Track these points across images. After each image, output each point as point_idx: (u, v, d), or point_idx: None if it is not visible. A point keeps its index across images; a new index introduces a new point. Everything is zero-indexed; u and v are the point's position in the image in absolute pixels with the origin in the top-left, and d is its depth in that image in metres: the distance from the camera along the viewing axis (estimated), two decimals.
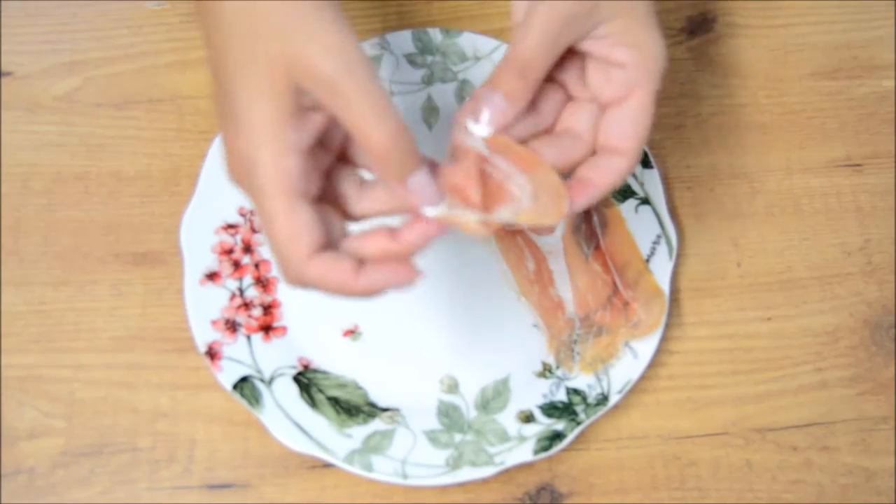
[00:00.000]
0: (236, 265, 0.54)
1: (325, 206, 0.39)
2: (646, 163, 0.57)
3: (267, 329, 0.53)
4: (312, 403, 0.51)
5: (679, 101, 0.61)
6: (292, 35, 0.35)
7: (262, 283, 0.54)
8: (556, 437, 0.50)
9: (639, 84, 0.40)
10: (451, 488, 0.51)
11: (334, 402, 0.52)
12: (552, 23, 0.39)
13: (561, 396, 0.52)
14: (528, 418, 0.51)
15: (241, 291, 0.54)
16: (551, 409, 0.51)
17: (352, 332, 0.54)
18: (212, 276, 0.54)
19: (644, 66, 0.40)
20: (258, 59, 0.36)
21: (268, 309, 0.54)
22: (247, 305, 0.54)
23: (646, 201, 0.56)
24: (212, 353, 0.51)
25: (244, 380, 0.51)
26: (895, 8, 0.63)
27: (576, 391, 0.52)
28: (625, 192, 0.56)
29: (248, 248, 0.55)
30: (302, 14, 0.36)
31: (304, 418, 0.50)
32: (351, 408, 0.51)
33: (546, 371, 0.53)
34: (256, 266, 0.55)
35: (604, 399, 0.51)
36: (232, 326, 0.53)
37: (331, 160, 0.40)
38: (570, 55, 0.41)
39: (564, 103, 0.43)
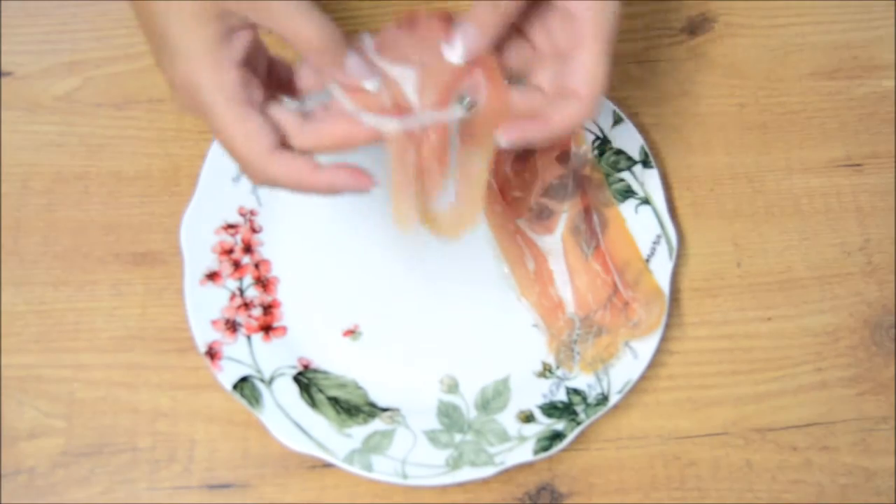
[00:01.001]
0: (236, 265, 0.54)
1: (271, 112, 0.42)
2: (646, 163, 0.57)
3: (267, 329, 0.53)
4: (312, 403, 0.51)
5: (679, 101, 0.61)
6: None
7: (262, 283, 0.54)
8: (556, 436, 0.50)
9: (592, 35, 0.43)
10: (451, 488, 0.51)
11: (334, 402, 0.52)
12: None
13: (561, 396, 0.52)
14: (528, 418, 0.51)
15: (241, 291, 0.54)
16: (551, 409, 0.51)
17: (352, 332, 0.54)
18: (212, 276, 0.54)
19: (597, 18, 0.43)
20: None
21: (268, 309, 0.54)
22: (247, 305, 0.54)
23: (646, 201, 0.56)
24: (212, 353, 0.51)
25: (244, 380, 0.51)
26: (895, 8, 0.63)
27: (576, 391, 0.52)
28: (625, 193, 0.56)
29: (248, 248, 0.55)
30: None
31: (304, 418, 0.50)
32: (351, 408, 0.51)
33: (546, 371, 0.53)
34: (256, 266, 0.55)
35: (604, 399, 0.51)
36: (232, 326, 0.53)
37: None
38: (535, 9, 0.44)
39: (531, 60, 0.46)
